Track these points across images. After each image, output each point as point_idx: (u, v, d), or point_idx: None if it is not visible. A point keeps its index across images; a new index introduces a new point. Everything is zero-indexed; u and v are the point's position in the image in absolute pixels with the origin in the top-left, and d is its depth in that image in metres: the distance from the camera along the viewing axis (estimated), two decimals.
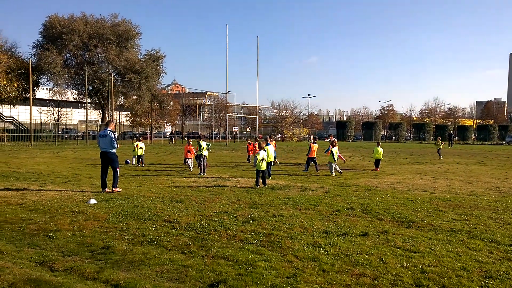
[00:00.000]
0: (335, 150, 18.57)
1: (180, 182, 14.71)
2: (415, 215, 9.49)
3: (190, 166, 19.32)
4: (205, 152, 18.02)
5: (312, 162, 19.94)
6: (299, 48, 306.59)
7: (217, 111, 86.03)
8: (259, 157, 13.76)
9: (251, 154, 24.21)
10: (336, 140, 21.31)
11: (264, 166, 13.77)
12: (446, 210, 10.23)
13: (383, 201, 11.24)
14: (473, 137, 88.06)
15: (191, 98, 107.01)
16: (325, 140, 20.56)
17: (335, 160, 18.23)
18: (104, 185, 12.27)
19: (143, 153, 22.10)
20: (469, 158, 30.89)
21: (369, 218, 9.09)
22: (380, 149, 20.99)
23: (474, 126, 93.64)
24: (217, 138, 78.84)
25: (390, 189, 13.72)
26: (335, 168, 18.29)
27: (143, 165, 21.37)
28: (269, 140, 20.02)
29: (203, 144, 18.17)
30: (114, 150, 12.23)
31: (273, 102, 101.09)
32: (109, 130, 12.26)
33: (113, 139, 12.08)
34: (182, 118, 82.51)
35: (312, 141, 20.74)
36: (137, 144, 22.01)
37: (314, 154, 20.03)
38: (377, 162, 20.71)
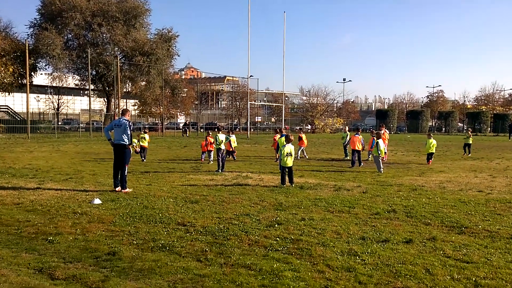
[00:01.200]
0: (381, 142, 18.67)
1: (195, 180, 14.81)
2: (468, 219, 9.41)
3: (211, 158, 20.99)
4: (223, 147, 18.22)
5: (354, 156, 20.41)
6: (332, 25, 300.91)
7: (238, 99, 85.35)
8: (284, 151, 13.76)
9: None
10: (386, 131, 21.72)
11: (290, 161, 13.75)
12: (505, 213, 10.08)
13: (431, 203, 11.16)
14: None
15: (208, 84, 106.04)
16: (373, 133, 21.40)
17: (380, 154, 18.20)
18: (117, 183, 12.40)
19: (147, 145, 22.49)
20: None
21: (413, 222, 9.06)
22: (433, 141, 21.92)
23: None
24: (237, 129, 78.05)
25: (439, 189, 13.61)
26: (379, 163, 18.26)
27: (144, 159, 21.80)
28: (283, 131, 20.87)
29: (221, 136, 18.30)
30: (128, 142, 12.35)
31: (302, 88, 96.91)
32: (125, 120, 12.36)
33: (127, 131, 12.19)
34: (197, 107, 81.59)
35: (355, 133, 21.41)
36: (140, 135, 22.66)
37: (356, 147, 20.43)
38: (429, 155, 21.73)
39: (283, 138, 14.74)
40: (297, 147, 23.21)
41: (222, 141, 18.27)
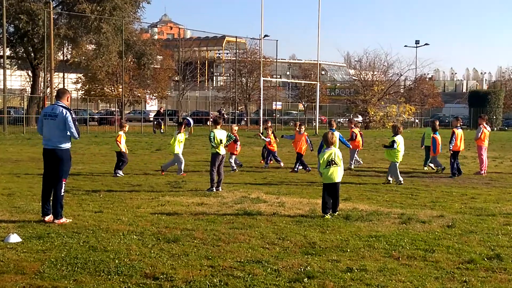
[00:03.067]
0: (400, 140, 15.57)
1: (175, 205, 12.42)
2: None
3: (233, 165, 18.10)
4: (223, 151, 14.44)
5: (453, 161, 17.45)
6: None
7: (245, 73, 63.66)
8: (324, 157, 10.90)
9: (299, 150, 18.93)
10: (485, 126, 18.04)
11: (337, 176, 10.94)
12: None
13: None
14: None
15: (196, 49, 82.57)
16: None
17: (398, 159, 15.63)
18: (47, 209, 10.46)
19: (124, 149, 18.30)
20: None
21: None
22: None
23: None
24: (244, 122, 58.09)
25: None
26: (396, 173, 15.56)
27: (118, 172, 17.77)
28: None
29: (219, 134, 14.35)
30: (68, 145, 10.37)
31: (348, 56, 80.00)
32: (62, 107, 10.25)
33: (70, 123, 10.16)
34: (178, 86, 60.67)
35: (456, 127, 18.02)
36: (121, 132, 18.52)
37: (459, 146, 17.59)
38: None
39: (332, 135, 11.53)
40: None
41: (220, 141, 14.25)
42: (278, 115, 59.25)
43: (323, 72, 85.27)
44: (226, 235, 9.43)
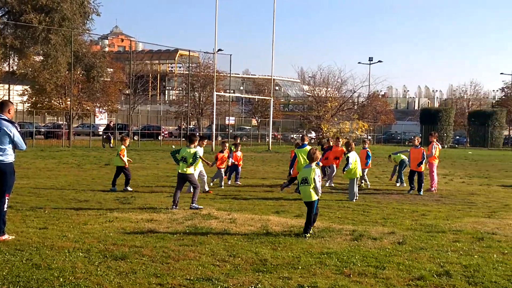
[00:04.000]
0: (353, 156, 15.59)
1: (123, 222, 12.03)
2: None
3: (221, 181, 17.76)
4: (190, 170, 13.78)
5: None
6: None
7: (197, 87, 63.49)
8: (300, 176, 10.91)
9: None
10: (436, 143, 18.22)
11: (308, 193, 10.72)
12: None
13: (506, 262, 9.03)
14: None
15: (148, 62, 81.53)
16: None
17: (356, 175, 15.60)
18: None
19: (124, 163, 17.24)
20: None
21: None
22: None
23: None
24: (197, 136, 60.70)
25: None
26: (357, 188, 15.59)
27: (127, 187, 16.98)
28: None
29: (187, 152, 13.58)
30: (12, 158, 10.04)
31: (302, 72, 77.26)
32: (3, 120, 9.95)
33: (15, 137, 9.92)
34: (129, 100, 59.71)
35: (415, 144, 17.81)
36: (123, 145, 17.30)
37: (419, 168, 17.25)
38: None
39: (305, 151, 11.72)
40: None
41: (191, 160, 13.51)
42: (231, 130, 59.18)
43: (277, 88, 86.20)
44: (176, 252, 9.24)
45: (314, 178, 10.47)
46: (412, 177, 17.52)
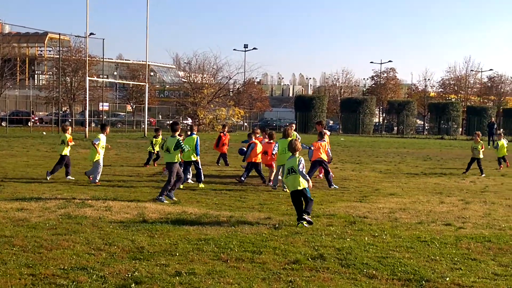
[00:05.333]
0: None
1: None
2: (431, 267, 7.98)
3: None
4: (174, 159, 13.31)
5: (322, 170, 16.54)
6: None
7: (69, 72, 59.26)
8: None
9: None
10: (326, 131, 17.67)
11: (292, 181, 10.79)
12: (484, 258, 8.58)
13: (377, 244, 9.29)
14: None
15: (16, 45, 77.86)
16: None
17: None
18: None
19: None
20: None
21: (351, 274, 7.68)
22: (504, 142, 22.75)
23: None
24: (68, 122, 50.60)
25: (388, 221, 11.45)
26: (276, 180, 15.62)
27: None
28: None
29: (170, 140, 13.29)
30: None
31: (178, 58, 77.48)
32: None
33: None
34: None
35: (321, 137, 16.51)
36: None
37: (321, 155, 16.12)
38: (502, 159, 22.51)
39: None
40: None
41: (173, 148, 13.15)
42: (105, 117, 57.89)
43: (152, 73, 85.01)
44: (49, 242, 8.95)
45: (299, 167, 10.69)
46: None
